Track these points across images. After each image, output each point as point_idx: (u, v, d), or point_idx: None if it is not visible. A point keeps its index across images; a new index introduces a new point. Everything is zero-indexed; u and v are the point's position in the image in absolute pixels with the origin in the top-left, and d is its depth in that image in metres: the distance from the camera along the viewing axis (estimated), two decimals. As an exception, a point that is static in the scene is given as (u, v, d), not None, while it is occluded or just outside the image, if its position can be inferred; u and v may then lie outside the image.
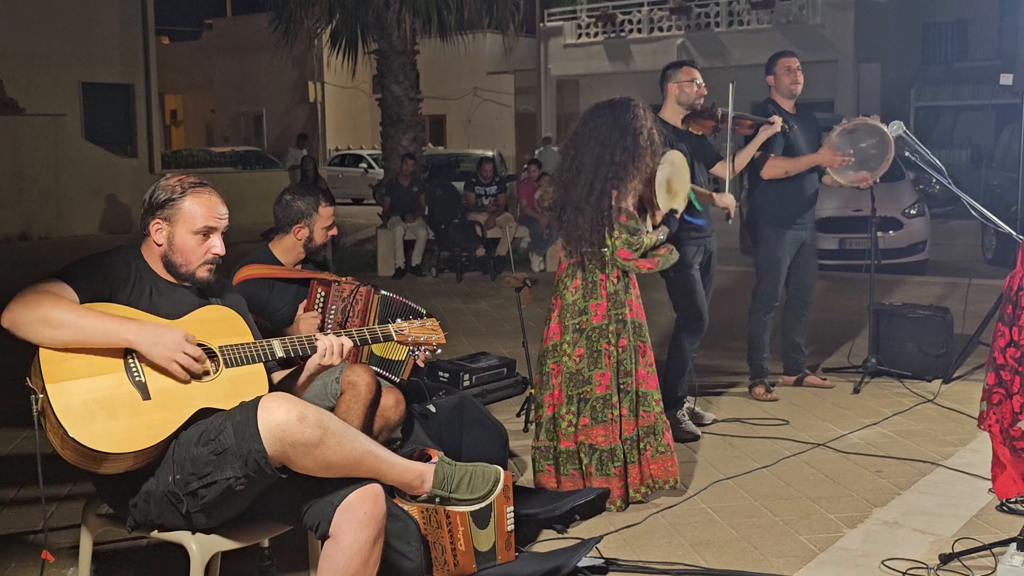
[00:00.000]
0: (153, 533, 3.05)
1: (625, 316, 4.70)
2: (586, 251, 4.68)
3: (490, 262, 12.93)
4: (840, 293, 10.23)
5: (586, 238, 4.67)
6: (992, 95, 22.62)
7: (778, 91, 6.46)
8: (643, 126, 4.68)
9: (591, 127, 4.75)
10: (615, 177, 4.64)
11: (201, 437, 2.90)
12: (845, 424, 5.96)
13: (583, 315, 4.69)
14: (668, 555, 4.12)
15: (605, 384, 4.64)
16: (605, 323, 4.66)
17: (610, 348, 4.65)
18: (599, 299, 4.68)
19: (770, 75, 6.50)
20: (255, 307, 4.36)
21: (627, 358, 4.68)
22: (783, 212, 6.42)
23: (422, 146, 16.23)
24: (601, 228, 4.64)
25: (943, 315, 7.11)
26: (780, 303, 6.62)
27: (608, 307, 4.67)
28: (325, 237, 4.61)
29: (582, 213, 4.68)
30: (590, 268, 4.70)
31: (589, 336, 4.67)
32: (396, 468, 3.16)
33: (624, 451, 4.65)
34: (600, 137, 4.70)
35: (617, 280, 4.70)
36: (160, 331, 2.94)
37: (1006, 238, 4.18)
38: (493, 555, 3.72)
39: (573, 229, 4.72)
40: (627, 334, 4.69)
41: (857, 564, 4.01)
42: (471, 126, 34.49)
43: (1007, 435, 3.97)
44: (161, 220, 3.14)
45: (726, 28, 26.55)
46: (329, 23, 16.04)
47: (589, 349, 4.67)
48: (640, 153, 4.66)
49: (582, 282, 4.72)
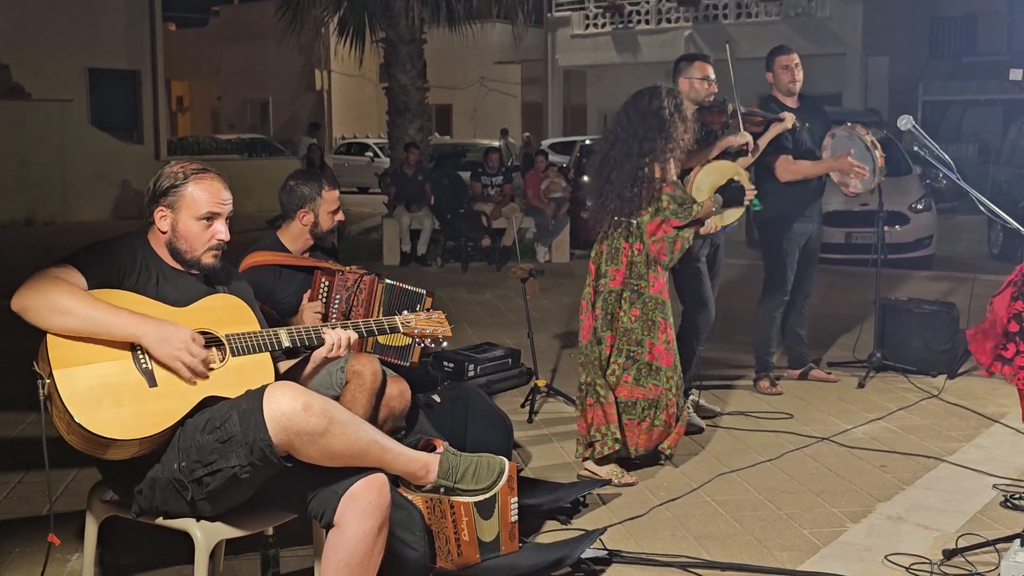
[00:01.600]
0: (158, 520, 3.05)
1: (643, 288, 4.88)
2: (614, 220, 4.91)
3: (495, 252, 12.93)
4: (846, 287, 10.21)
5: (616, 208, 4.90)
6: (1000, 90, 22.58)
7: (777, 88, 6.46)
8: (663, 106, 4.89)
9: (619, 121, 5.03)
10: (650, 152, 4.86)
11: (207, 425, 2.91)
12: (849, 418, 5.95)
13: (603, 278, 4.95)
14: (671, 547, 4.12)
15: (608, 344, 4.91)
16: (620, 289, 4.90)
17: (621, 314, 4.89)
18: (619, 265, 4.92)
19: (769, 72, 6.49)
20: (261, 294, 4.36)
21: (638, 327, 4.88)
22: (790, 205, 6.41)
23: (428, 135, 16.22)
24: (634, 198, 4.86)
25: (949, 310, 7.10)
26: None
27: (627, 275, 4.89)
28: (331, 222, 4.58)
29: (616, 185, 4.90)
30: (615, 236, 4.93)
31: (605, 299, 4.92)
32: (401, 458, 3.17)
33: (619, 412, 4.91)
34: (629, 127, 4.96)
35: (638, 252, 4.89)
36: (167, 329, 2.94)
37: (1013, 234, 4.17)
38: (497, 545, 3.71)
39: (607, 203, 4.94)
40: (641, 305, 4.88)
41: (860, 558, 4.01)
42: (477, 116, 34.45)
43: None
44: (165, 207, 3.14)
45: (734, 20, 26.44)
46: (337, 11, 16.02)
47: (604, 311, 4.92)
48: (668, 130, 4.87)
49: (607, 248, 4.96)
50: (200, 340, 2.98)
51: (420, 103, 15.45)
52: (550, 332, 8.33)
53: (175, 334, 2.93)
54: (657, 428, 4.94)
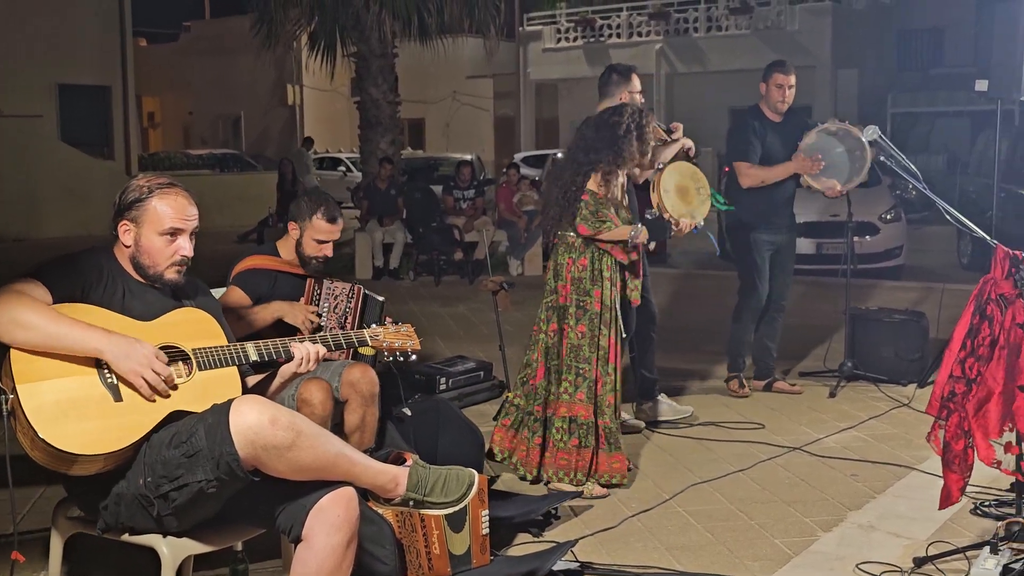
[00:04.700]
0: (124, 536, 3.02)
1: (588, 305, 4.88)
2: (555, 233, 5.00)
3: (468, 266, 12.91)
4: (817, 297, 10.26)
5: (557, 221, 4.98)
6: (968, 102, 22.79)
7: (766, 102, 6.52)
8: (621, 121, 4.92)
9: (577, 133, 5.11)
10: (590, 162, 4.91)
11: (173, 439, 2.88)
12: (821, 428, 5.97)
13: (553, 294, 4.98)
14: (643, 558, 4.12)
15: (560, 360, 4.90)
16: (566, 305, 4.92)
17: (568, 330, 4.90)
18: (564, 281, 4.94)
19: (763, 83, 6.54)
20: (256, 298, 4.44)
21: (585, 344, 4.86)
22: (758, 215, 6.47)
23: (400, 149, 16.21)
24: (570, 211, 4.90)
25: (919, 320, 7.14)
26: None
27: (571, 291, 4.91)
28: (315, 250, 4.61)
29: (559, 199, 4.96)
30: (558, 252, 4.99)
31: (559, 316, 4.95)
32: (370, 471, 3.15)
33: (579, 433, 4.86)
34: (582, 141, 5.02)
35: (583, 268, 4.89)
36: (131, 345, 2.91)
37: (981, 244, 4.20)
38: (468, 559, 3.70)
39: (550, 215, 5.03)
40: (587, 321, 4.87)
41: (832, 567, 4.02)
42: (450, 130, 34.46)
43: (947, 448, 3.97)
44: (129, 221, 3.12)
45: (704, 33, 26.61)
46: (309, 25, 16.00)
47: (559, 326, 4.94)
48: (619, 145, 4.88)
49: (553, 263, 5.02)
50: (163, 357, 2.96)
51: (392, 117, 15.44)
52: (522, 345, 8.23)
53: (138, 350, 2.91)
54: (587, 449, 4.86)
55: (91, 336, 2.88)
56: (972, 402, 3.91)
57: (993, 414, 3.90)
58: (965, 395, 3.92)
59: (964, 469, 3.96)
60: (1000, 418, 3.86)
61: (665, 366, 6.57)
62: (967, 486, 4.01)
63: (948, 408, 3.96)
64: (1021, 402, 3.79)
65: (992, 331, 3.91)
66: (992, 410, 3.90)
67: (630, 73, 5.85)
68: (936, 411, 4.01)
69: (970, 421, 3.91)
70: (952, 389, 3.96)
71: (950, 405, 3.95)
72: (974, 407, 3.91)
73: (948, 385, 3.98)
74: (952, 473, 3.97)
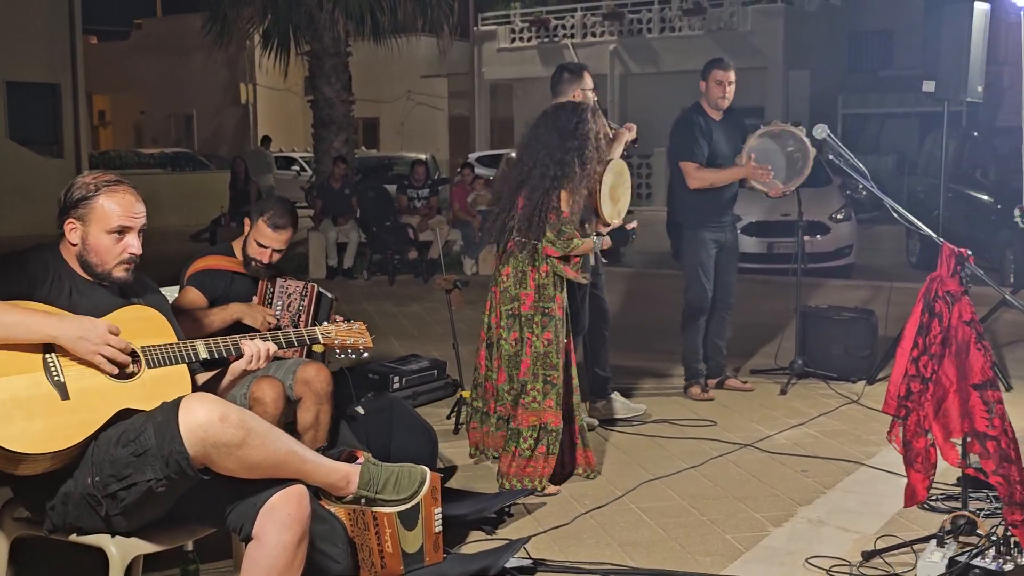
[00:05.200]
0: (71, 536, 2.99)
1: (552, 312, 4.82)
2: (519, 240, 4.85)
3: (422, 265, 12.88)
4: (768, 296, 10.35)
5: (522, 229, 4.84)
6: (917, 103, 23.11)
7: (707, 99, 6.54)
8: (589, 129, 4.85)
9: (539, 131, 4.94)
10: (561, 176, 4.79)
11: (121, 438, 2.85)
12: (772, 425, 6.03)
13: (515, 301, 4.87)
14: (596, 555, 4.13)
15: (523, 370, 4.83)
16: (531, 314, 4.82)
17: (532, 338, 4.82)
18: (528, 289, 4.84)
19: (703, 80, 6.56)
20: (212, 298, 4.41)
21: (553, 352, 4.80)
22: (701, 215, 6.50)
23: (354, 149, 16.16)
24: (539, 223, 4.79)
25: (868, 317, 7.23)
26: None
27: (536, 299, 4.82)
28: (256, 252, 4.57)
29: (528, 207, 4.82)
30: (521, 258, 4.86)
31: (521, 324, 4.86)
32: (321, 469, 3.14)
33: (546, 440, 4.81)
34: (546, 140, 4.87)
35: (546, 275, 4.83)
36: (83, 324, 2.89)
37: (930, 243, 4.26)
38: (421, 557, 3.70)
39: (509, 220, 4.90)
40: (553, 328, 4.81)
41: (782, 562, 4.06)
42: (404, 129, 34.39)
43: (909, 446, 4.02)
44: (75, 219, 3.09)
45: (658, 34, 26.78)
46: (262, 23, 15.89)
47: (521, 335, 4.85)
48: (587, 156, 4.82)
49: (512, 270, 4.89)
50: (118, 330, 2.92)
51: (346, 116, 15.39)
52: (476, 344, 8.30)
53: (91, 329, 2.88)
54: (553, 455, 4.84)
55: (42, 322, 2.85)
56: (931, 402, 3.97)
57: (953, 413, 3.95)
58: (922, 393, 3.98)
59: (927, 468, 4.01)
60: (960, 417, 3.92)
61: (618, 364, 6.59)
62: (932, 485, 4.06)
63: (906, 407, 4.01)
64: (975, 401, 3.85)
65: (942, 328, 3.96)
66: (951, 409, 3.96)
67: (581, 71, 5.85)
68: (893, 410, 4.06)
69: (931, 422, 3.97)
70: (908, 387, 4.01)
71: (908, 404, 4.00)
72: (933, 408, 3.97)
73: (904, 383, 4.03)
74: (916, 472, 4.02)
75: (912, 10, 24.54)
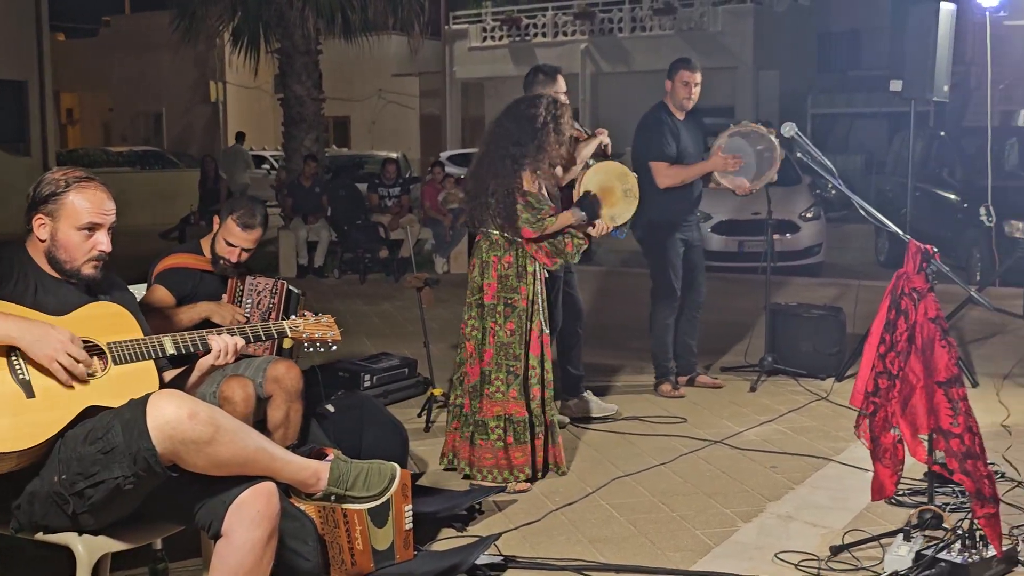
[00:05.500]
0: (38, 535, 2.96)
1: (515, 302, 4.87)
2: (481, 231, 4.96)
3: (393, 263, 12.86)
4: (738, 294, 10.40)
5: (482, 219, 4.94)
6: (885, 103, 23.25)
7: (672, 99, 6.56)
8: (539, 114, 4.92)
9: (500, 122, 5.04)
10: (521, 156, 4.88)
11: (88, 436, 2.83)
12: (741, 421, 6.06)
13: (480, 292, 4.94)
14: (567, 551, 4.14)
15: (487, 359, 4.88)
16: (493, 303, 4.89)
17: (496, 328, 4.87)
18: (490, 279, 4.91)
19: (669, 80, 6.57)
20: (180, 296, 4.38)
21: (515, 341, 4.85)
22: (667, 214, 6.51)
23: (325, 147, 16.11)
24: (499, 210, 4.86)
25: (836, 315, 7.27)
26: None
27: (498, 288, 4.89)
28: (224, 251, 4.54)
29: (487, 196, 4.91)
30: (484, 248, 4.94)
31: (484, 314, 4.92)
32: (290, 466, 3.13)
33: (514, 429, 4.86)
34: (504, 133, 4.96)
35: (509, 266, 4.89)
36: (44, 330, 2.86)
37: (898, 241, 4.29)
38: (391, 554, 3.69)
39: (475, 211, 4.98)
40: (516, 319, 4.86)
41: (751, 557, 4.08)
42: (375, 128, 34.29)
43: (876, 442, 4.06)
44: (44, 215, 3.06)
45: (629, 34, 26.84)
46: (231, 21, 15.82)
47: (482, 324, 4.92)
48: (540, 139, 4.88)
49: (478, 261, 4.97)
50: (79, 341, 2.90)
51: (316, 114, 15.35)
52: (447, 342, 8.29)
53: (52, 335, 2.85)
54: (523, 445, 4.88)
55: (3, 324, 2.83)
56: (898, 399, 4.00)
57: (920, 409, 3.99)
58: (889, 389, 4.01)
59: (895, 463, 4.05)
60: (926, 413, 3.96)
61: (590, 362, 6.61)
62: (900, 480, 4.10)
63: (874, 403, 4.04)
64: (940, 398, 3.89)
65: (908, 324, 4.00)
66: (918, 406, 3.99)
67: (556, 74, 5.86)
68: (860, 404, 4.10)
69: (899, 419, 4.01)
70: (876, 383, 4.05)
71: (875, 400, 4.04)
72: (900, 404, 4.00)
73: (871, 379, 4.07)
74: (884, 468, 4.05)
75: (880, 11, 24.67)
